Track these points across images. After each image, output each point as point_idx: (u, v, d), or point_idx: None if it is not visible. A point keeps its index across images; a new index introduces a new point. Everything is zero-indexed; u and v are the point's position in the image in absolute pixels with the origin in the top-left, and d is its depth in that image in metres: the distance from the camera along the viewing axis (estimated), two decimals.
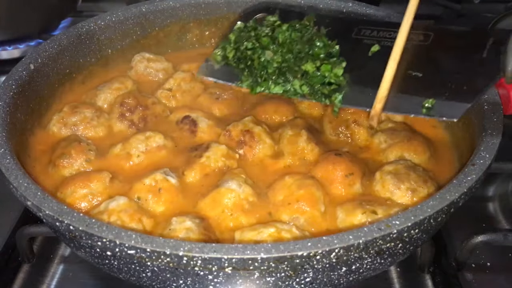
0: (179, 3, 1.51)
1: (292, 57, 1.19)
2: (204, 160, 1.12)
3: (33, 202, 0.89)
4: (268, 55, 1.19)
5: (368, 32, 1.24)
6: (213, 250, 0.79)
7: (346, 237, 0.81)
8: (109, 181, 1.08)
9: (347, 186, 1.09)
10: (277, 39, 1.22)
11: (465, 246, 1.11)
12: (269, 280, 0.87)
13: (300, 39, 1.22)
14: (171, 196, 1.06)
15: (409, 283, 1.14)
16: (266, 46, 1.22)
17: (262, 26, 1.28)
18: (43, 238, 1.23)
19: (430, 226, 0.88)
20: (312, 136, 1.19)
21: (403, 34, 1.09)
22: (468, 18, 1.95)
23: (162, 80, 1.40)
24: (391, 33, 1.20)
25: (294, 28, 1.24)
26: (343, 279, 0.93)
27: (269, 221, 1.01)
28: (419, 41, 1.18)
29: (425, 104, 1.04)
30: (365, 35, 1.24)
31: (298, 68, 1.17)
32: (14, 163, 0.97)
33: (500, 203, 1.32)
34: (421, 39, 1.18)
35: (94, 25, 1.41)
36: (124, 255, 0.83)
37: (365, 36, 1.24)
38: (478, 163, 0.96)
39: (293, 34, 1.23)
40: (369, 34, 1.24)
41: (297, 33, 1.23)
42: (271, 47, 1.21)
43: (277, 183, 1.08)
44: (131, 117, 1.25)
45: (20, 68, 1.21)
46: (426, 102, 1.05)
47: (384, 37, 1.21)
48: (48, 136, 1.23)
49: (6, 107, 1.11)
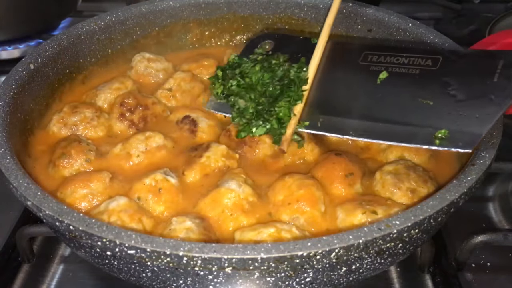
0: (179, 3, 1.51)
1: (266, 101, 1.18)
2: (204, 160, 1.12)
3: (33, 202, 0.89)
4: (242, 104, 1.18)
5: (375, 57, 1.21)
6: (213, 250, 0.79)
7: (346, 237, 0.81)
8: (109, 181, 1.08)
9: (347, 186, 1.09)
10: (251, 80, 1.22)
11: (465, 246, 1.11)
12: (269, 280, 0.87)
13: (271, 79, 1.21)
14: (171, 196, 1.06)
15: (409, 283, 1.14)
16: (239, 93, 1.21)
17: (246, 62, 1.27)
18: (43, 238, 1.23)
19: (430, 226, 0.88)
20: (312, 136, 1.19)
21: (321, 43, 1.12)
22: (468, 18, 1.96)
23: (162, 80, 1.40)
24: (398, 58, 1.18)
25: (266, 68, 1.23)
26: (343, 279, 0.93)
27: (269, 221, 1.01)
28: (427, 66, 1.15)
29: (437, 134, 1.02)
30: (372, 61, 1.21)
31: (273, 109, 1.16)
32: (14, 163, 0.97)
33: (500, 203, 1.32)
34: (429, 64, 1.16)
35: (94, 25, 1.41)
36: (124, 255, 0.83)
37: (372, 62, 1.21)
38: (478, 163, 0.96)
39: (265, 75, 1.21)
40: (376, 60, 1.21)
41: (269, 74, 1.21)
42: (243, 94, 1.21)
43: (277, 183, 1.08)
44: (131, 117, 1.25)
45: (20, 68, 1.21)
46: (438, 132, 1.02)
47: (392, 63, 1.19)
48: (48, 136, 1.23)
49: (6, 107, 1.11)
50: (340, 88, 1.20)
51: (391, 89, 1.11)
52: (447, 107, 1.06)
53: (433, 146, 1.01)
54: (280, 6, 1.54)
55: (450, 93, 1.09)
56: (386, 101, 1.10)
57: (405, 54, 1.18)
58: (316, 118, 1.14)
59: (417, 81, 1.12)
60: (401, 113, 1.08)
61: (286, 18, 1.54)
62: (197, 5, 1.53)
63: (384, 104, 1.10)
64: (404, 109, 1.09)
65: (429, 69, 1.15)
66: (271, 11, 1.54)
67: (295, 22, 1.54)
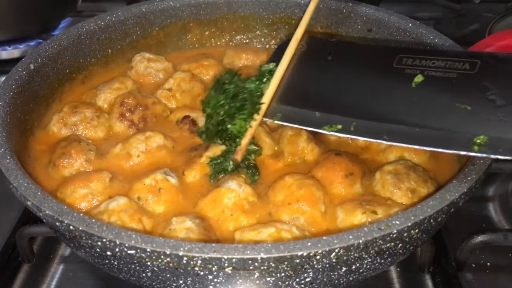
0: (179, 3, 1.51)
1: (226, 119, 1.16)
2: (204, 160, 1.12)
3: (33, 202, 0.89)
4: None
5: (410, 61, 1.18)
6: (213, 250, 0.79)
7: (346, 237, 0.81)
8: (109, 181, 1.08)
9: (347, 186, 1.09)
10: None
11: (465, 246, 1.11)
12: (269, 280, 0.87)
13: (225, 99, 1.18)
14: (171, 196, 1.06)
15: (409, 283, 1.14)
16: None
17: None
18: (43, 238, 1.23)
19: (430, 226, 0.88)
20: (312, 136, 1.19)
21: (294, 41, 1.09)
22: (468, 18, 1.96)
23: (162, 80, 1.40)
24: (434, 61, 1.15)
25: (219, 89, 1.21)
26: (343, 279, 0.93)
27: (269, 221, 1.01)
28: (464, 70, 1.11)
29: (476, 140, 0.97)
30: (407, 64, 1.17)
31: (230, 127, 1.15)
32: (14, 163, 0.97)
33: (500, 203, 1.32)
34: (466, 67, 1.12)
35: (94, 25, 1.41)
36: (124, 255, 0.83)
37: (407, 65, 1.17)
38: (478, 163, 0.96)
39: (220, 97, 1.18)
40: (411, 63, 1.17)
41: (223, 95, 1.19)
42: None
43: (277, 183, 1.08)
44: (131, 117, 1.25)
45: (20, 68, 1.21)
46: (477, 138, 0.97)
47: (428, 66, 1.14)
48: (48, 136, 1.23)
49: (6, 107, 1.11)
50: (375, 92, 1.16)
51: (427, 93, 1.08)
52: (486, 112, 1.02)
53: (472, 153, 0.96)
54: (280, 6, 1.54)
55: (489, 98, 1.04)
56: (422, 105, 1.07)
57: (441, 57, 1.14)
58: (349, 121, 1.10)
59: (454, 85, 1.08)
60: (437, 118, 1.04)
61: (286, 18, 1.55)
62: (197, 5, 1.53)
63: (420, 108, 1.06)
64: (441, 113, 1.05)
65: (466, 73, 1.11)
66: (271, 11, 1.55)
67: (295, 22, 1.54)
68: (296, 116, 1.13)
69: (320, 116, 1.11)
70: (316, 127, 1.10)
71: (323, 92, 1.18)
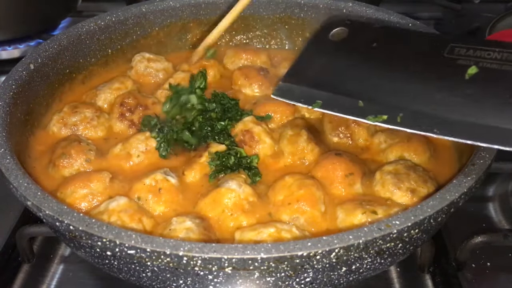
0: (179, 3, 1.51)
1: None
2: (204, 160, 1.12)
3: (33, 202, 0.89)
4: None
5: (463, 51, 1.11)
6: (213, 250, 0.79)
7: (346, 237, 0.81)
8: (109, 181, 1.08)
9: (347, 186, 1.09)
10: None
11: (465, 246, 1.11)
12: (269, 280, 0.87)
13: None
14: (171, 196, 1.06)
15: (409, 283, 1.14)
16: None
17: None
18: (43, 238, 1.23)
19: (430, 226, 0.88)
20: (312, 136, 1.19)
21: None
22: (468, 18, 1.96)
23: (162, 80, 1.40)
24: (490, 53, 1.08)
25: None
26: (343, 279, 0.93)
27: (269, 221, 1.01)
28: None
29: None
30: (460, 55, 1.10)
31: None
32: (14, 163, 0.97)
33: (500, 203, 1.32)
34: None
35: (94, 25, 1.41)
36: (124, 255, 0.83)
37: (460, 55, 1.10)
38: (478, 163, 0.96)
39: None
40: (464, 53, 1.10)
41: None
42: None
43: (277, 183, 1.08)
44: (131, 117, 1.25)
45: (20, 68, 1.21)
46: None
47: (483, 57, 1.08)
48: (48, 136, 1.23)
49: (6, 107, 1.11)
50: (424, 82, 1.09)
51: (481, 85, 1.02)
52: None
53: None
54: (280, 6, 1.54)
55: None
56: (476, 98, 1.01)
57: (498, 48, 1.08)
58: (396, 112, 1.03)
59: (508, 79, 1.02)
60: (494, 112, 0.99)
61: (286, 18, 1.55)
62: (197, 5, 1.53)
63: (474, 102, 1.01)
64: (497, 108, 0.99)
65: None
66: (271, 11, 1.54)
67: (295, 22, 1.54)
68: (336, 104, 1.07)
69: (363, 105, 1.05)
70: (360, 116, 1.04)
71: (366, 80, 1.12)
